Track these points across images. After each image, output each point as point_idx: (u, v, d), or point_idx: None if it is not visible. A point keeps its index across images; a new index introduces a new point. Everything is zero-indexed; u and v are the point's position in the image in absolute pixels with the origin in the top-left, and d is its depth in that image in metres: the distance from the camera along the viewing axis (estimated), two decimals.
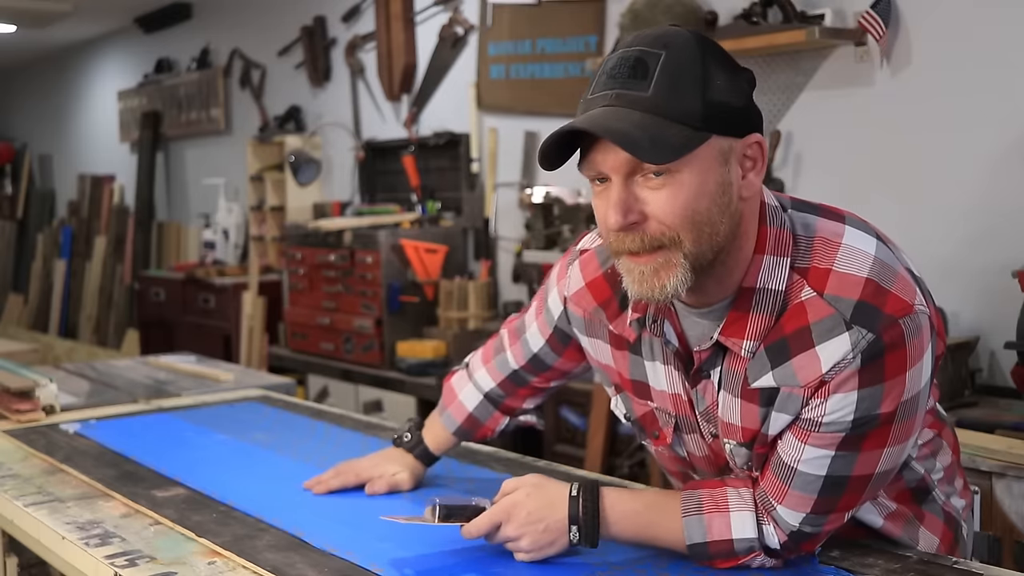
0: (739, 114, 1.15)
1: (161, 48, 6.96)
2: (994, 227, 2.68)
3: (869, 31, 2.81)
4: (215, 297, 5.38)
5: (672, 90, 1.11)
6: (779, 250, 1.20)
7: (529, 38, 4.06)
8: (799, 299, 1.18)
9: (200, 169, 6.62)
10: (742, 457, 1.30)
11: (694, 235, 1.13)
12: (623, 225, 1.13)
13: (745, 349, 1.21)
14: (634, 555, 1.32)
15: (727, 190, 1.15)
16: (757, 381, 1.22)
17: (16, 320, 8.51)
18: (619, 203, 1.13)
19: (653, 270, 1.15)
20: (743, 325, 1.20)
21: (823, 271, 1.17)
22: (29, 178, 9.18)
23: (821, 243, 1.20)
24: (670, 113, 1.10)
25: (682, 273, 1.14)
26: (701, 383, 1.30)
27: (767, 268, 1.19)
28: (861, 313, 1.14)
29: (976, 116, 2.71)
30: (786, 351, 1.18)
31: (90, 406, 2.38)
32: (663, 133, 1.09)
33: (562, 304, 1.47)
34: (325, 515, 1.54)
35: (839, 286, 1.16)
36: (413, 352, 4.01)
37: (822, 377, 1.16)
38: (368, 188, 4.97)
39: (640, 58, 1.12)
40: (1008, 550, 2.14)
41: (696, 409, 1.33)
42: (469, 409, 1.63)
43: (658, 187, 1.12)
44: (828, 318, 1.15)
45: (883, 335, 1.14)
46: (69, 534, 1.49)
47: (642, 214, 1.13)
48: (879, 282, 1.16)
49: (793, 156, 3.14)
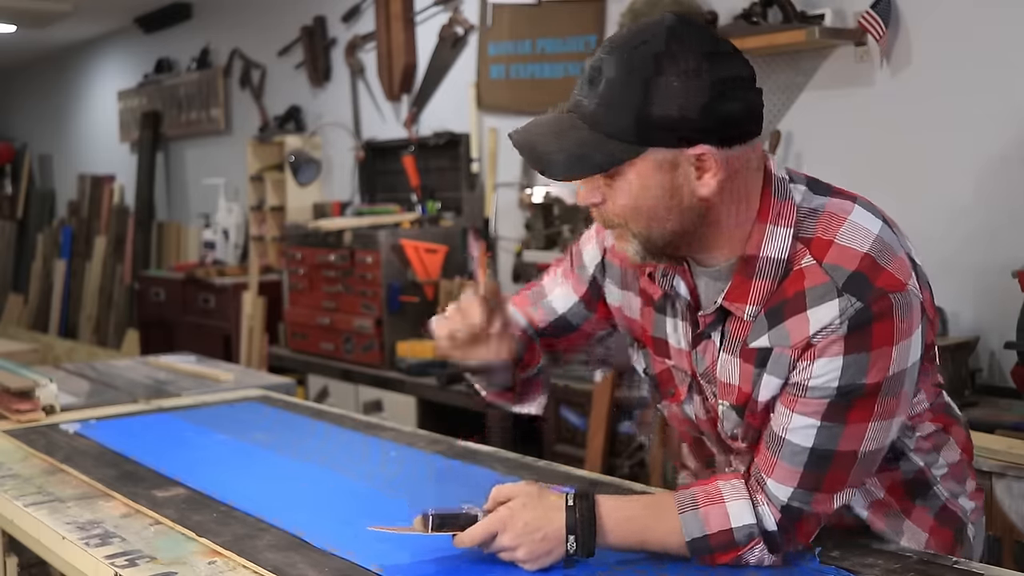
0: (688, 125, 1.17)
1: (161, 48, 6.96)
2: (994, 227, 2.68)
3: (869, 31, 2.81)
4: (215, 297, 5.38)
5: (610, 107, 1.18)
6: (782, 220, 1.25)
7: (529, 38, 4.06)
8: (799, 266, 1.23)
9: (200, 169, 6.62)
10: (732, 422, 1.34)
11: (642, 223, 1.24)
12: (583, 202, 1.28)
13: (748, 313, 1.27)
14: (634, 555, 1.32)
15: (676, 192, 1.21)
16: (755, 341, 1.27)
17: (16, 320, 8.51)
18: (583, 189, 1.27)
19: (614, 238, 1.30)
20: (746, 290, 1.26)
21: (826, 242, 1.23)
22: (29, 178, 9.19)
23: (828, 216, 1.25)
24: (606, 129, 1.19)
25: (634, 247, 1.26)
26: (702, 344, 1.34)
27: (768, 237, 1.25)
28: (853, 283, 1.19)
29: (976, 116, 2.71)
30: (782, 313, 1.24)
31: (90, 406, 2.38)
32: (589, 152, 1.19)
33: (601, 254, 1.50)
34: (325, 515, 1.54)
35: (838, 257, 1.21)
36: (413, 352, 4.01)
37: (809, 339, 1.21)
38: (368, 188, 4.97)
39: (596, 67, 1.20)
40: (1008, 550, 2.14)
41: (696, 370, 1.37)
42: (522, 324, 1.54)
43: (609, 183, 1.23)
44: (822, 285, 1.21)
45: (871, 305, 1.18)
46: (69, 534, 1.49)
47: (601, 197, 1.25)
48: (876, 258, 1.21)
49: (793, 156, 3.14)
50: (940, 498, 1.43)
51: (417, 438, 2.06)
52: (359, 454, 1.92)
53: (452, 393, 3.73)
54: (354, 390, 4.24)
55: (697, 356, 1.36)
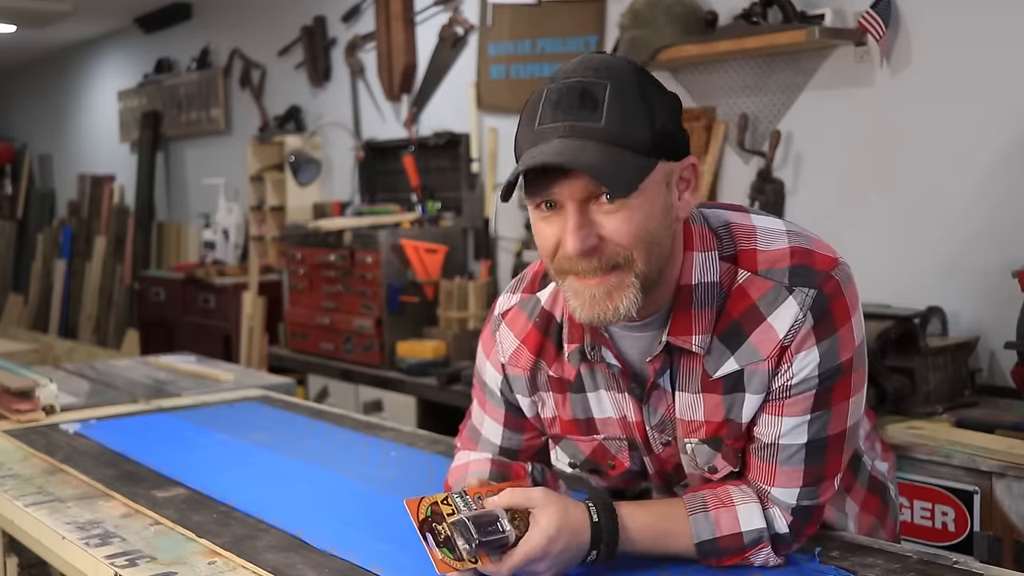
0: (678, 139, 1.20)
1: (161, 48, 6.96)
2: (994, 227, 2.68)
3: (869, 31, 2.81)
4: (215, 297, 5.38)
5: (624, 120, 1.14)
6: (705, 245, 1.26)
7: (529, 38, 4.06)
8: (737, 283, 1.24)
9: (200, 169, 6.62)
10: (704, 456, 1.32)
11: (645, 254, 1.17)
12: (582, 251, 1.15)
13: (695, 344, 1.24)
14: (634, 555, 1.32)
15: (670, 211, 1.20)
16: (719, 371, 1.26)
17: (16, 320, 8.51)
18: (577, 229, 1.15)
19: (606, 292, 1.18)
20: (689, 322, 1.24)
21: (750, 252, 1.25)
22: (29, 178, 9.19)
23: (738, 229, 1.28)
24: (624, 142, 1.14)
25: (634, 294, 1.18)
26: (653, 395, 1.31)
27: (699, 264, 1.25)
28: (797, 276, 1.22)
29: (976, 116, 2.71)
30: (740, 332, 1.24)
31: (90, 406, 2.39)
32: (622, 163, 1.13)
33: (500, 373, 1.44)
34: (325, 515, 1.54)
35: (769, 261, 1.24)
36: (413, 352, 4.01)
37: (782, 343, 1.22)
38: (368, 188, 4.97)
39: (587, 89, 1.15)
40: (1008, 550, 2.14)
41: (648, 424, 1.33)
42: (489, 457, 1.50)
43: (612, 211, 1.15)
44: (770, 290, 1.22)
45: (823, 288, 1.22)
46: (69, 534, 1.49)
47: (599, 237, 1.16)
48: (801, 246, 1.25)
49: (793, 156, 3.14)
50: (866, 467, 1.47)
51: (417, 438, 2.06)
52: (359, 454, 1.92)
53: (452, 393, 3.74)
54: (354, 390, 4.24)
55: (649, 410, 1.32)
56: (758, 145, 3.20)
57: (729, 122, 3.30)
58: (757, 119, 3.23)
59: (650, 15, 3.19)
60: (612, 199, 1.15)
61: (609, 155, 1.12)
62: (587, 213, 1.16)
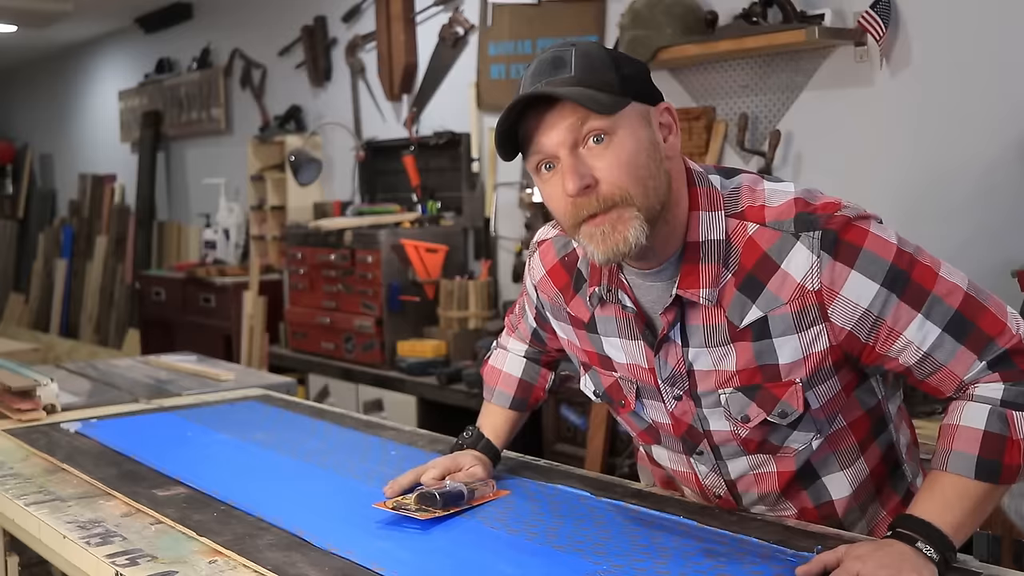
0: (646, 86, 1.31)
1: (162, 48, 6.96)
2: (994, 227, 2.68)
3: (869, 31, 2.81)
4: (216, 297, 5.38)
5: (590, 70, 1.27)
6: (711, 205, 1.33)
7: (529, 38, 4.07)
8: (747, 235, 1.31)
9: (201, 169, 6.62)
10: (738, 405, 1.36)
11: (640, 189, 1.26)
12: (579, 189, 1.25)
13: (702, 297, 1.32)
14: (634, 555, 1.33)
15: (657, 149, 1.29)
16: (744, 320, 1.31)
17: (17, 320, 8.51)
18: (572, 170, 1.25)
19: (611, 226, 1.26)
20: (696, 276, 1.32)
21: (758, 208, 1.32)
22: (30, 178, 9.19)
23: (747, 190, 1.34)
24: (593, 84, 1.25)
25: (639, 224, 1.26)
26: (664, 348, 1.38)
27: (704, 222, 1.32)
28: (801, 222, 1.28)
29: (975, 116, 2.71)
30: (757, 282, 1.30)
31: (91, 405, 2.39)
32: (595, 95, 1.24)
33: (534, 291, 1.59)
34: (326, 514, 1.54)
35: (776, 214, 1.30)
36: (413, 351, 4.02)
37: (801, 286, 1.27)
38: (368, 188, 4.97)
39: (556, 55, 1.29)
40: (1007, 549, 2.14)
41: (660, 376, 1.40)
42: (518, 375, 1.72)
43: (602, 151, 1.26)
44: (778, 239, 1.29)
45: (828, 226, 1.27)
46: (70, 533, 1.49)
47: (593, 178, 1.26)
48: (805, 198, 1.31)
49: (793, 156, 3.14)
50: (906, 478, 1.47)
51: (417, 437, 2.06)
52: (359, 454, 1.92)
53: (452, 392, 3.74)
54: (354, 389, 4.24)
55: (660, 362, 1.39)
56: (758, 145, 3.21)
57: (729, 122, 3.30)
58: (757, 119, 3.23)
59: (650, 15, 3.19)
60: (598, 139, 1.25)
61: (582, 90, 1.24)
62: (579, 157, 1.26)
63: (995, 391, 1.25)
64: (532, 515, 1.51)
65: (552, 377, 1.76)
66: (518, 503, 1.57)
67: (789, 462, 1.41)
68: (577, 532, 1.42)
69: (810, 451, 1.40)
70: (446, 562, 1.33)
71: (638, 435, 1.56)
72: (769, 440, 1.39)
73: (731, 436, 1.40)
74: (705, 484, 1.50)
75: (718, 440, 1.42)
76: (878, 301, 1.26)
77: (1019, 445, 1.22)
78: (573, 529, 1.44)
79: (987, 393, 1.25)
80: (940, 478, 1.25)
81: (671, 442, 1.49)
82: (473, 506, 1.54)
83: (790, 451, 1.40)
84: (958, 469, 1.23)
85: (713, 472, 1.47)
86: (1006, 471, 1.23)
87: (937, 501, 1.23)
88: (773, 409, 1.34)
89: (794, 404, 1.33)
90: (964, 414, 1.25)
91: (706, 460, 1.46)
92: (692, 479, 1.52)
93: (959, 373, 1.27)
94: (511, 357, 1.75)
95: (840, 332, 1.28)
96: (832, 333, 1.29)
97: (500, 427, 1.73)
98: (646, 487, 1.68)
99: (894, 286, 1.26)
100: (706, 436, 1.43)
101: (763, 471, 1.43)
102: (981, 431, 1.23)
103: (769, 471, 1.43)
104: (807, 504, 1.45)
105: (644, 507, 1.53)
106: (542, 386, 1.75)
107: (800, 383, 1.32)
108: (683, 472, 1.52)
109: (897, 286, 1.26)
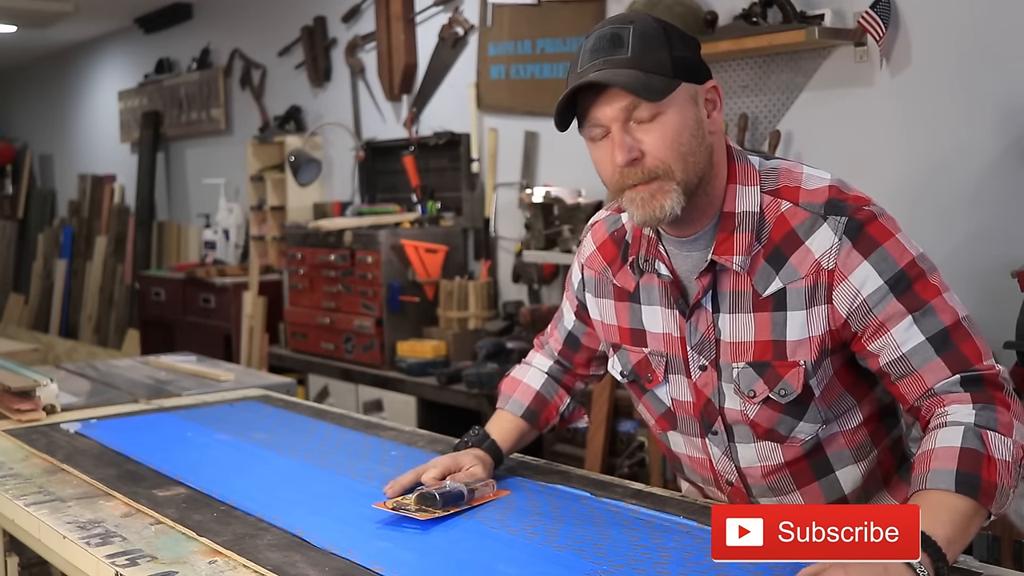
0: (697, 65, 1.41)
1: (161, 48, 6.96)
2: (993, 227, 2.68)
3: (869, 31, 2.81)
4: (215, 297, 5.38)
5: (645, 51, 1.36)
6: (748, 180, 1.44)
7: (529, 38, 4.07)
8: (780, 212, 1.41)
9: (200, 169, 6.62)
10: (747, 380, 1.43)
11: (681, 164, 1.37)
12: (627, 160, 1.36)
13: (736, 263, 1.41)
14: (634, 554, 1.33)
15: (701, 126, 1.39)
16: (767, 289, 1.40)
17: (17, 320, 8.51)
18: (621, 144, 1.36)
19: (651, 194, 1.37)
20: (730, 244, 1.41)
21: (793, 188, 1.42)
22: (30, 178, 9.19)
23: (786, 172, 1.44)
24: (648, 68, 1.35)
25: (676, 195, 1.37)
26: (695, 314, 1.46)
27: (740, 195, 1.43)
28: (832, 207, 1.38)
29: (975, 116, 2.71)
30: (782, 255, 1.39)
31: (91, 406, 2.39)
32: (649, 82, 1.34)
33: (580, 272, 1.67)
34: (326, 514, 1.54)
35: (809, 196, 1.40)
36: (413, 352, 4.02)
37: (817, 263, 1.36)
38: (368, 188, 4.97)
39: (615, 32, 1.38)
40: (1007, 549, 2.14)
41: (689, 343, 1.48)
42: (536, 388, 1.76)
43: (650, 127, 1.36)
44: (808, 219, 1.38)
45: (855, 215, 1.37)
46: (70, 533, 1.49)
47: (640, 151, 1.36)
48: (840, 187, 1.41)
49: (793, 156, 3.14)
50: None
51: (417, 437, 2.06)
52: (359, 454, 1.92)
53: (452, 393, 3.74)
54: (354, 390, 4.24)
55: (691, 328, 1.47)
56: (758, 145, 3.20)
57: (729, 122, 3.30)
58: (757, 119, 3.23)
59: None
60: (649, 118, 1.34)
61: (637, 76, 1.34)
62: (629, 131, 1.37)
63: (967, 415, 1.28)
64: (532, 515, 1.51)
65: (568, 401, 1.78)
66: (518, 503, 1.58)
67: (796, 451, 1.47)
68: (577, 532, 1.42)
69: (816, 441, 1.46)
70: (446, 562, 1.33)
71: (656, 421, 1.60)
72: (776, 428, 1.45)
73: (741, 417, 1.46)
74: (718, 469, 1.54)
75: (730, 419, 1.47)
76: (877, 295, 1.34)
77: (995, 464, 1.23)
78: (573, 529, 1.44)
79: (959, 417, 1.29)
80: (922, 497, 1.24)
81: (687, 425, 1.54)
82: (473, 506, 1.54)
83: (797, 441, 1.46)
84: (938, 484, 1.23)
85: (725, 456, 1.51)
86: (985, 487, 1.22)
87: (925, 515, 1.17)
88: (776, 387, 1.42)
89: (794, 384, 1.41)
90: (939, 438, 1.27)
91: (719, 442, 1.50)
92: (706, 465, 1.55)
93: (928, 381, 1.34)
94: (533, 371, 1.79)
95: (838, 318, 1.37)
96: (832, 318, 1.37)
97: (508, 431, 1.73)
98: (679, 495, 1.68)
99: (896, 286, 1.34)
100: (720, 414, 1.48)
101: (771, 462, 1.48)
102: (958, 447, 1.25)
103: (777, 461, 1.48)
104: (819, 497, 1.49)
105: (644, 507, 1.53)
106: (556, 405, 1.76)
107: (803, 365, 1.40)
108: (697, 458, 1.56)
109: (899, 288, 1.34)
